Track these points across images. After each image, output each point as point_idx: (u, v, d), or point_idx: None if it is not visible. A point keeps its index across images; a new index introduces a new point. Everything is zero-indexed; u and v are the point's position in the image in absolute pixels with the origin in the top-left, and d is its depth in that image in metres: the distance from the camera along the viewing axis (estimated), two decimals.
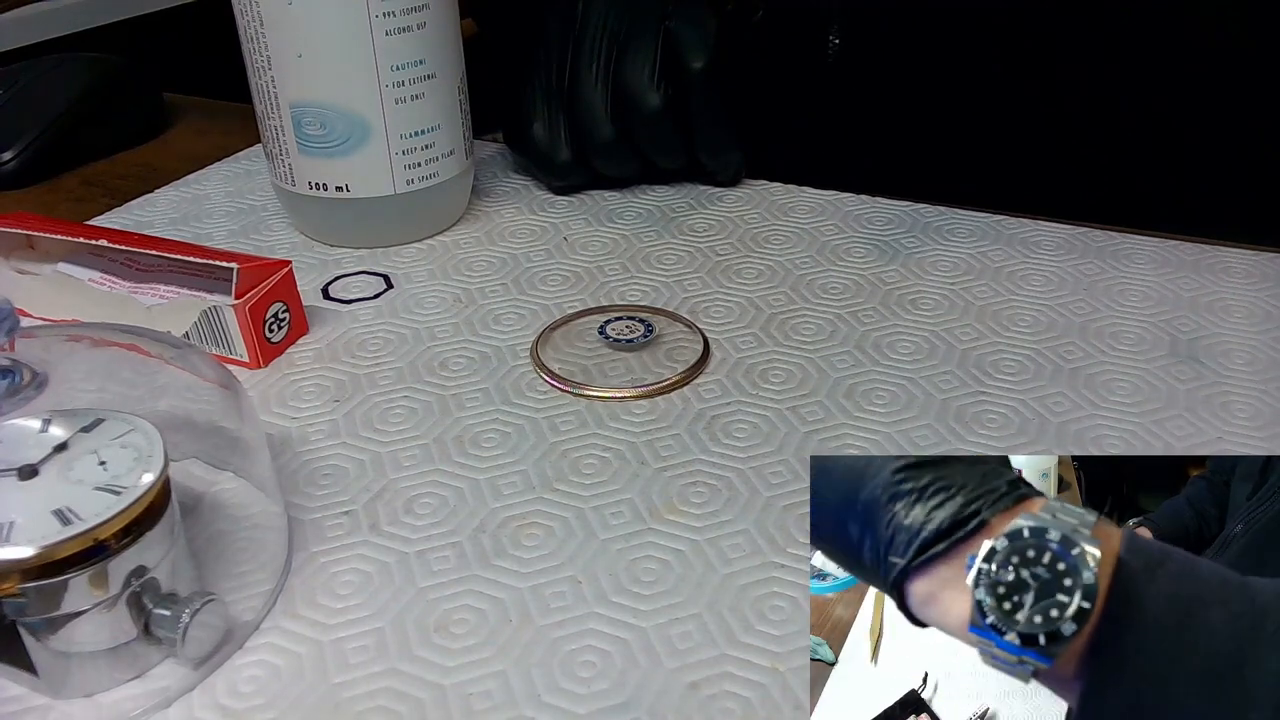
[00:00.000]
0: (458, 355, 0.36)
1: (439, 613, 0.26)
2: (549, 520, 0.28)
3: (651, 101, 0.44)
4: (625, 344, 0.36)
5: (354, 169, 0.41)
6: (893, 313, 0.38)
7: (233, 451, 0.28)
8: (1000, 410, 0.33)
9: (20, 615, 0.22)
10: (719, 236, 0.44)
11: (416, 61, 0.40)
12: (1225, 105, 0.51)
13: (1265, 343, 0.36)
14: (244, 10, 0.39)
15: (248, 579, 0.26)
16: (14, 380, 0.25)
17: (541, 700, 0.23)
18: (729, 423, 0.32)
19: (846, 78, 0.57)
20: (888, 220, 0.45)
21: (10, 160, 0.52)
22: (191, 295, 0.36)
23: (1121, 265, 0.41)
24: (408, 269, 0.42)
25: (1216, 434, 0.31)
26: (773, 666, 0.24)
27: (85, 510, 0.22)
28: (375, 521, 0.29)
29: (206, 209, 0.48)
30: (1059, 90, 0.53)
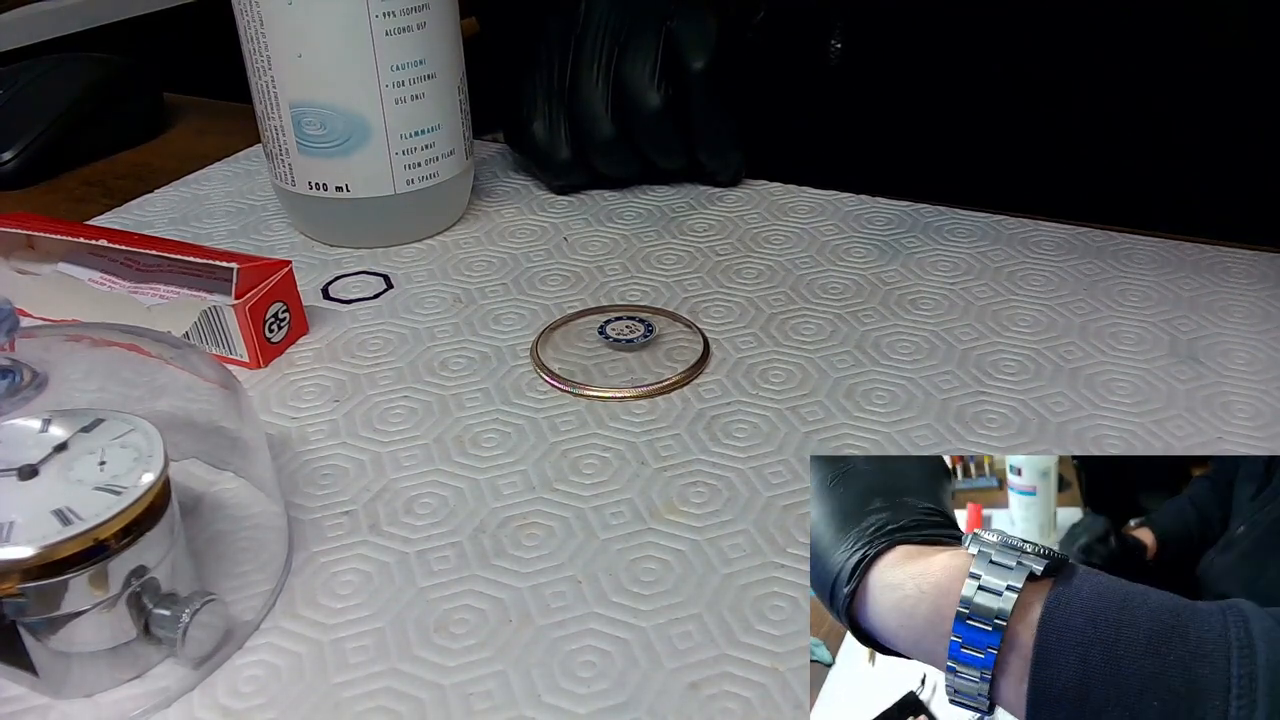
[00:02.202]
0: (458, 355, 0.36)
1: (439, 613, 0.26)
2: (549, 520, 0.28)
3: (652, 101, 0.44)
4: (625, 344, 0.36)
5: (354, 169, 0.41)
6: (893, 313, 0.38)
7: (233, 451, 0.28)
8: (1000, 410, 0.33)
9: (20, 615, 0.22)
10: (719, 236, 0.44)
11: (416, 61, 0.40)
12: (1225, 105, 0.51)
13: (1265, 343, 0.36)
14: (244, 10, 0.39)
15: (248, 579, 0.26)
16: (14, 380, 0.25)
17: (541, 700, 0.23)
18: (729, 423, 0.32)
19: (847, 78, 0.57)
20: (888, 220, 0.45)
21: (10, 160, 0.52)
22: (191, 295, 0.36)
23: (1121, 265, 0.41)
24: (408, 269, 0.42)
25: (1216, 434, 0.31)
26: (773, 666, 0.24)
27: (85, 510, 0.22)
28: (375, 521, 0.29)
29: (206, 209, 0.48)
30: (1059, 90, 0.53)
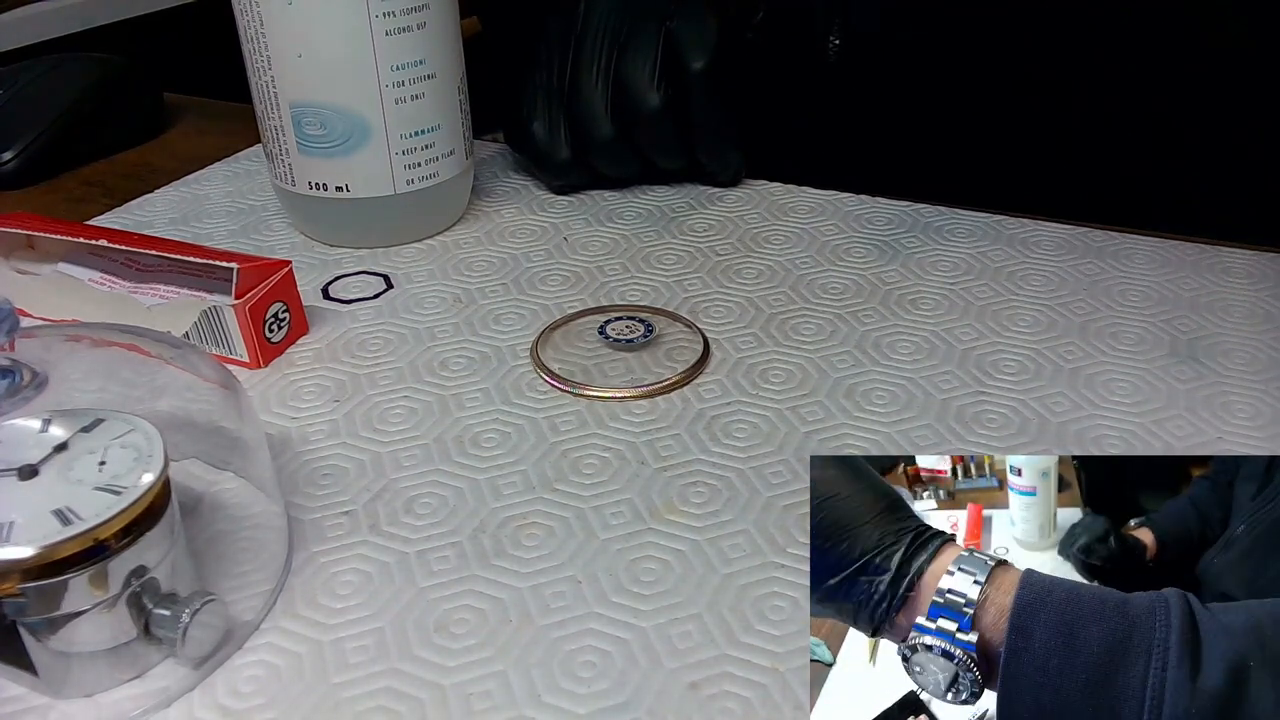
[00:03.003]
0: (458, 355, 0.36)
1: (439, 613, 0.26)
2: (549, 520, 0.28)
3: (651, 101, 0.44)
4: (625, 344, 0.36)
5: (354, 169, 0.41)
6: (893, 313, 0.38)
7: (233, 451, 0.28)
8: (1000, 410, 0.33)
9: (20, 615, 0.22)
10: (719, 236, 0.44)
11: (416, 61, 0.40)
12: (1225, 105, 0.51)
13: (1265, 343, 0.36)
14: (244, 10, 0.39)
15: (248, 579, 0.26)
16: (14, 380, 0.25)
17: (541, 700, 0.23)
18: (729, 423, 0.32)
19: (847, 78, 0.57)
20: (888, 220, 0.45)
21: (10, 160, 0.52)
22: (191, 295, 0.36)
23: (1121, 265, 0.41)
24: (408, 269, 0.42)
25: (1216, 434, 0.31)
26: (773, 666, 0.24)
27: (85, 510, 0.22)
28: (375, 521, 0.29)
29: (206, 209, 0.48)
30: (1059, 90, 0.53)
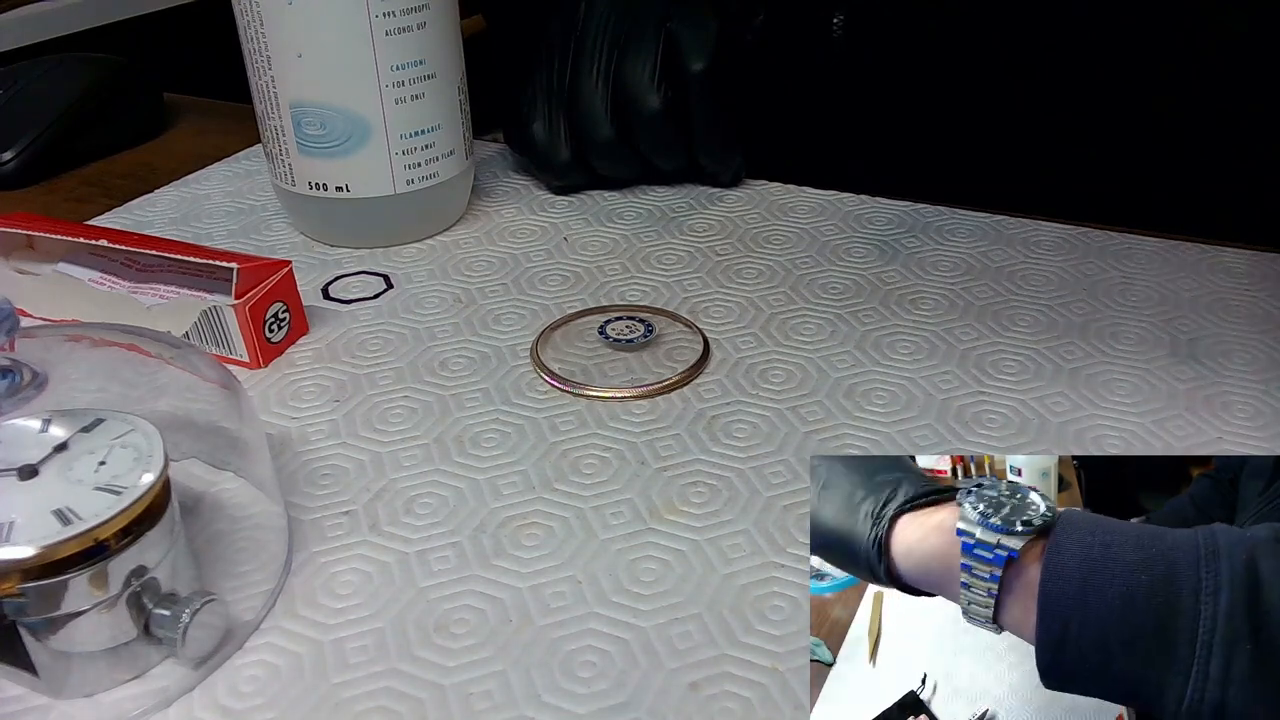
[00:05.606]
0: (458, 355, 0.36)
1: (439, 613, 0.26)
2: (549, 520, 0.28)
3: (652, 103, 0.44)
4: (625, 344, 0.36)
5: (354, 169, 0.41)
6: (893, 313, 0.38)
7: (233, 451, 0.28)
8: (1000, 410, 0.33)
9: (20, 615, 0.22)
10: (719, 236, 0.44)
11: (416, 61, 0.40)
12: (1225, 105, 0.51)
13: (1265, 343, 0.36)
14: (244, 10, 0.39)
15: (248, 579, 0.26)
16: (14, 380, 0.25)
17: (541, 700, 0.23)
18: (729, 423, 0.32)
19: (847, 78, 0.57)
20: (888, 220, 0.45)
21: (10, 160, 0.52)
22: (191, 295, 0.36)
23: (1121, 265, 0.41)
24: (408, 269, 0.42)
25: (1216, 434, 0.31)
26: (773, 667, 0.24)
27: (85, 510, 0.22)
28: (375, 521, 0.29)
29: (206, 209, 0.48)
30: (1059, 90, 0.53)
